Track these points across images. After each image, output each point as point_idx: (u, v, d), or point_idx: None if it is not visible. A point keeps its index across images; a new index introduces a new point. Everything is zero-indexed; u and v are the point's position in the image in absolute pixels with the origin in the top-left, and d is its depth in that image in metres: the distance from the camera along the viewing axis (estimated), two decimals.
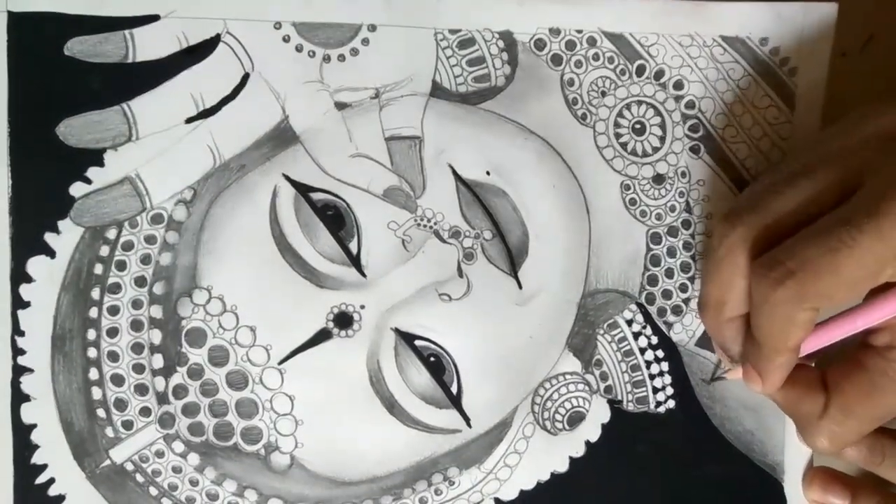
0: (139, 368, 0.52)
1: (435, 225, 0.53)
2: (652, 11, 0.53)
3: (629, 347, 0.55)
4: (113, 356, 0.52)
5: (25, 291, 0.51)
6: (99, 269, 0.51)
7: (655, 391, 0.55)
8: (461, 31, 0.53)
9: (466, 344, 0.53)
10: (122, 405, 0.52)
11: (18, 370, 0.51)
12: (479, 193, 0.53)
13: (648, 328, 0.55)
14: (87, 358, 0.52)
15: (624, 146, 0.54)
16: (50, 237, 0.51)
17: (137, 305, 0.52)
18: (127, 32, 0.51)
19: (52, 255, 0.51)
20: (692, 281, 0.55)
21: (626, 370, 0.55)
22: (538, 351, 0.54)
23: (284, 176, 0.52)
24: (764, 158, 0.54)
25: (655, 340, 0.55)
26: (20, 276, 0.51)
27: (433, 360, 0.53)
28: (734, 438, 0.55)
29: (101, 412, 0.52)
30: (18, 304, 0.51)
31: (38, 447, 0.51)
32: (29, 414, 0.51)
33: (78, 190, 0.51)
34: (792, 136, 0.54)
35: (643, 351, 0.55)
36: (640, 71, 0.54)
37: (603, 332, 0.55)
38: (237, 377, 0.52)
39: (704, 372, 0.55)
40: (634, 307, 0.55)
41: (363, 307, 0.52)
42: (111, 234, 0.51)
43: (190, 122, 0.52)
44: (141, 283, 0.52)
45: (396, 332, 0.53)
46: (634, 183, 0.54)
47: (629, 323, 0.55)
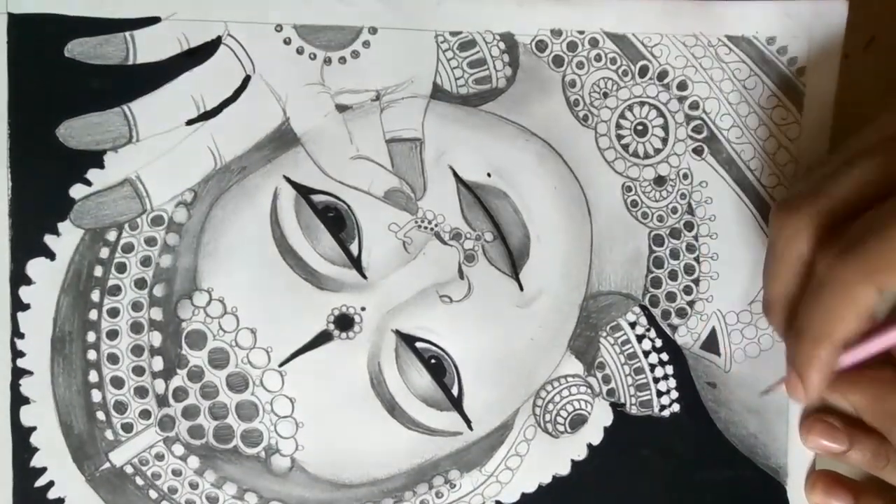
0: (139, 371, 0.52)
1: (436, 227, 0.53)
2: (655, 11, 0.53)
3: (632, 350, 0.54)
4: (113, 358, 0.52)
5: (25, 293, 0.51)
6: (99, 271, 0.51)
7: (660, 395, 0.54)
8: (462, 32, 0.53)
9: (467, 346, 0.53)
10: (121, 408, 0.52)
11: (18, 372, 0.51)
12: (480, 195, 0.53)
13: (652, 331, 0.55)
14: (86, 360, 0.52)
15: (626, 148, 0.54)
16: (50, 239, 0.51)
17: (137, 307, 0.52)
18: (127, 34, 0.51)
19: (51, 257, 0.51)
20: (696, 283, 0.54)
21: (629, 373, 0.54)
22: (540, 353, 0.54)
23: (285, 178, 0.52)
24: (769, 160, 0.54)
25: (659, 343, 0.55)
26: (20, 278, 0.51)
27: (434, 362, 0.53)
28: (738, 442, 0.55)
29: (100, 415, 0.52)
30: (18, 306, 0.51)
31: (37, 450, 0.51)
32: (28, 416, 0.51)
33: (78, 192, 0.51)
34: (800, 137, 0.54)
35: (647, 354, 0.55)
36: (642, 72, 0.53)
37: (605, 334, 0.54)
38: (237, 379, 0.52)
39: (709, 376, 0.55)
40: (638, 310, 0.54)
41: (364, 309, 0.52)
42: (111, 236, 0.51)
43: (190, 123, 0.52)
44: (141, 285, 0.52)
45: (397, 333, 0.52)
46: (636, 185, 0.54)
47: (632, 325, 0.54)
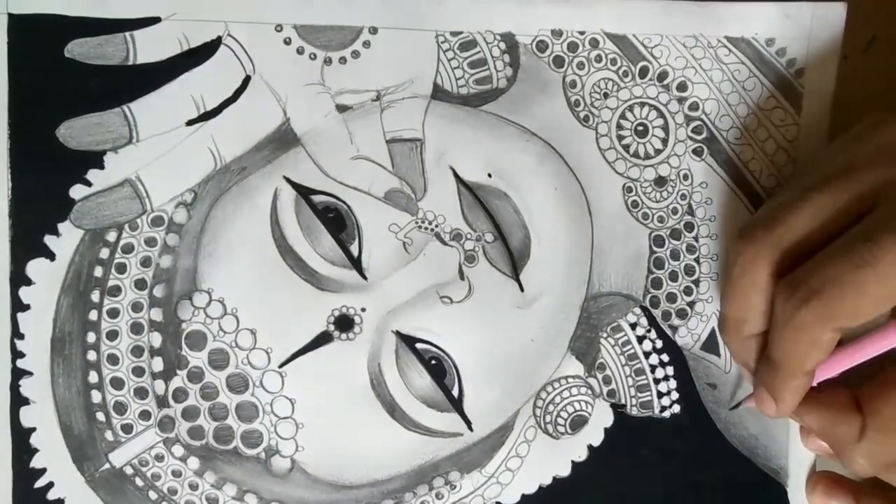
0: (139, 371, 0.52)
1: (436, 227, 0.53)
2: (655, 12, 0.53)
3: (633, 351, 0.54)
4: (112, 359, 0.52)
5: (25, 294, 0.51)
6: (99, 271, 0.51)
7: (660, 396, 0.54)
8: (462, 33, 0.53)
9: (468, 347, 0.53)
10: (121, 408, 0.52)
11: (18, 373, 0.51)
12: (480, 196, 0.53)
13: (653, 332, 0.55)
14: (86, 361, 0.51)
15: (626, 148, 0.54)
16: (50, 239, 0.51)
17: (137, 308, 0.52)
18: (128, 34, 0.51)
19: (51, 257, 0.51)
20: (696, 284, 0.54)
21: (629, 374, 0.54)
22: (540, 354, 0.54)
23: (285, 178, 0.52)
24: (769, 161, 0.54)
25: (660, 344, 0.55)
26: (20, 278, 0.51)
27: (434, 363, 0.53)
28: (738, 443, 0.55)
29: (100, 416, 0.52)
30: (18, 306, 0.51)
31: (37, 451, 0.51)
32: (28, 417, 0.51)
33: (78, 192, 0.51)
34: (798, 138, 0.54)
35: (647, 355, 0.54)
36: (643, 72, 0.53)
37: (606, 335, 0.54)
38: (237, 380, 0.52)
39: (710, 376, 0.55)
40: (638, 310, 0.54)
41: (364, 310, 0.52)
42: (111, 236, 0.51)
43: (191, 124, 0.52)
44: (141, 285, 0.52)
45: (397, 334, 0.52)
46: (636, 185, 0.54)
47: (633, 326, 0.54)
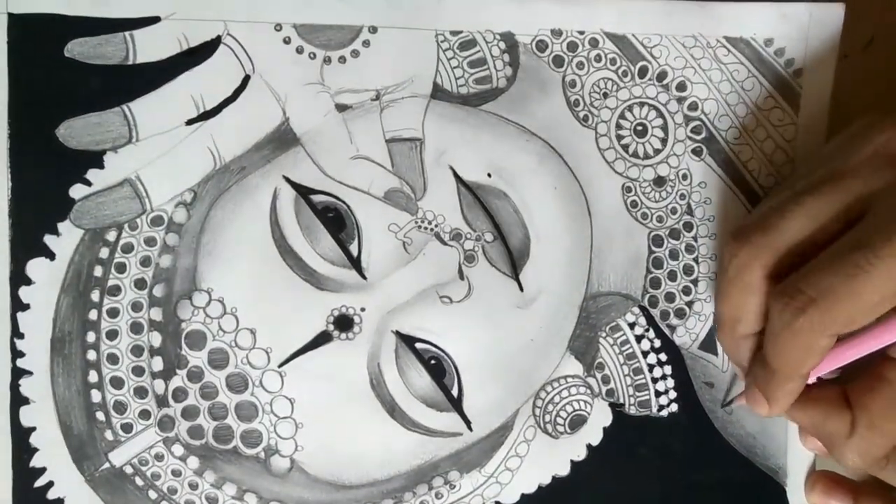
0: (139, 371, 0.52)
1: (436, 227, 0.53)
2: (655, 12, 0.53)
3: (631, 350, 0.54)
4: (112, 359, 0.52)
5: (25, 294, 0.51)
6: (99, 271, 0.51)
7: (658, 395, 0.54)
8: (462, 32, 0.53)
9: (467, 347, 0.53)
10: (121, 408, 0.52)
11: (17, 373, 0.51)
12: (480, 195, 0.53)
13: (651, 331, 0.55)
14: (86, 360, 0.51)
15: (625, 148, 0.54)
16: (49, 239, 0.51)
17: (137, 308, 0.52)
18: (127, 34, 0.51)
19: (51, 257, 0.51)
20: (695, 284, 0.54)
21: (628, 373, 0.54)
22: (539, 354, 0.54)
23: (285, 178, 0.52)
24: (767, 161, 0.54)
25: (658, 344, 0.55)
26: (20, 278, 0.51)
27: (434, 362, 0.53)
28: (736, 442, 0.55)
29: (100, 415, 0.52)
30: (18, 306, 0.51)
31: (36, 450, 0.51)
32: (28, 417, 0.51)
33: (78, 192, 0.51)
34: (796, 138, 0.54)
35: (646, 354, 0.55)
36: (642, 72, 0.54)
37: (605, 335, 0.54)
38: (237, 380, 0.52)
39: (708, 376, 0.55)
40: (637, 310, 0.54)
41: (363, 310, 0.52)
42: (111, 236, 0.51)
43: (190, 123, 0.52)
44: (141, 285, 0.52)
45: (397, 334, 0.52)
46: (636, 185, 0.54)
47: (632, 326, 0.54)
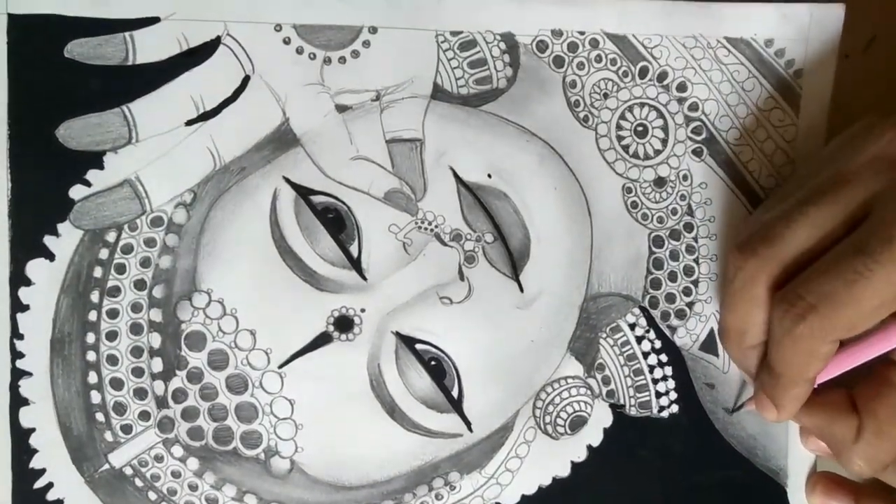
0: (138, 372, 0.52)
1: (436, 228, 0.53)
2: (655, 12, 0.53)
3: (632, 351, 0.54)
4: (112, 360, 0.51)
5: (24, 294, 0.51)
6: (98, 272, 0.51)
7: (659, 396, 0.54)
8: (462, 32, 0.53)
9: (468, 347, 0.53)
10: (121, 409, 0.52)
11: (17, 374, 0.51)
12: (480, 196, 0.53)
13: (652, 332, 0.55)
14: (86, 361, 0.51)
15: (626, 149, 0.54)
16: (49, 240, 0.51)
17: (137, 309, 0.52)
18: (127, 34, 0.51)
19: (51, 258, 0.51)
20: (695, 285, 0.54)
21: (628, 374, 0.54)
22: (540, 355, 0.54)
23: (285, 178, 0.52)
24: (767, 161, 0.54)
25: (659, 345, 0.55)
26: (19, 279, 0.51)
27: (434, 363, 0.53)
28: (737, 443, 0.55)
29: (100, 416, 0.52)
30: (17, 307, 0.51)
31: (36, 451, 0.51)
32: (27, 418, 0.51)
33: (77, 192, 0.51)
34: (796, 139, 0.54)
35: (646, 355, 0.55)
36: (642, 73, 0.53)
37: (605, 335, 0.54)
38: (237, 381, 0.52)
39: (708, 377, 0.55)
40: (637, 311, 0.54)
41: (364, 310, 0.52)
42: (111, 236, 0.51)
43: (190, 124, 0.52)
44: (140, 286, 0.52)
45: (397, 335, 0.52)
46: (636, 186, 0.54)
47: (632, 327, 0.54)
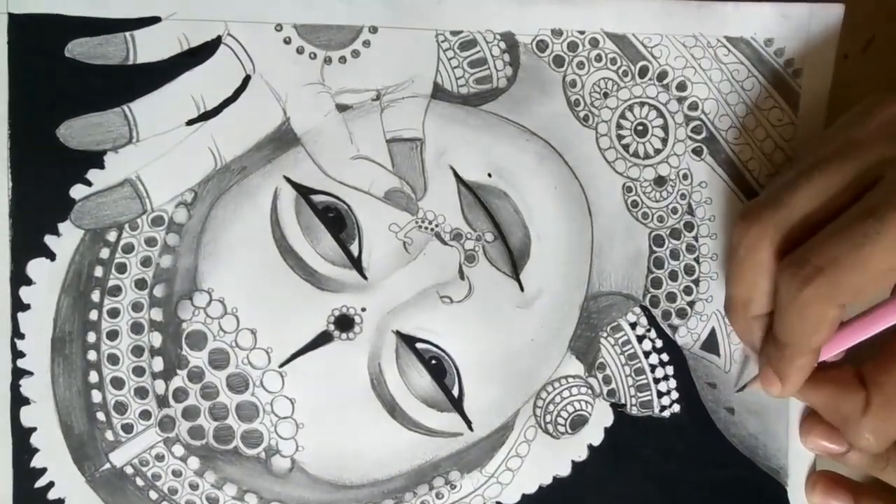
0: (139, 371, 0.52)
1: (436, 227, 0.53)
2: (655, 12, 0.53)
3: (633, 351, 0.54)
4: (113, 359, 0.51)
5: (25, 294, 0.51)
6: (99, 271, 0.51)
7: (660, 395, 0.54)
8: (462, 32, 0.53)
9: (468, 347, 0.53)
10: (122, 408, 0.52)
11: (18, 373, 0.51)
12: (480, 195, 0.53)
13: (653, 331, 0.55)
14: (86, 361, 0.51)
15: (626, 148, 0.54)
16: (50, 239, 0.51)
17: (138, 308, 0.52)
18: (128, 34, 0.51)
19: (52, 257, 0.51)
20: (696, 284, 0.54)
21: (629, 374, 0.54)
22: (540, 354, 0.54)
23: (285, 178, 0.52)
24: (767, 160, 0.54)
25: (660, 344, 0.55)
26: (20, 278, 0.51)
27: (434, 362, 0.53)
28: (738, 442, 0.55)
29: (100, 415, 0.52)
30: (18, 306, 0.51)
31: (37, 451, 0.51)
32: (28, 417, 0.51)
33: (78, 192, 0.51)
34: (795, 137, 0.54)
35: (647, 354, 0.55)
36: (642, 72, 0.54)
37: (606, 335, 0.54)
38: (238, 380, 0.52)
39: (710, 376, 0.55)
40: (638, 310, 0.54)
41: (364, 310, 0.52)
42: (111, 236, 0.51)
43: (191, 123, 0.52)
44: (141, 285, 0.52)
45: (398, 334, 0.52)
46: (636, 185, 0.54)
47: (633, 326, 0.54)
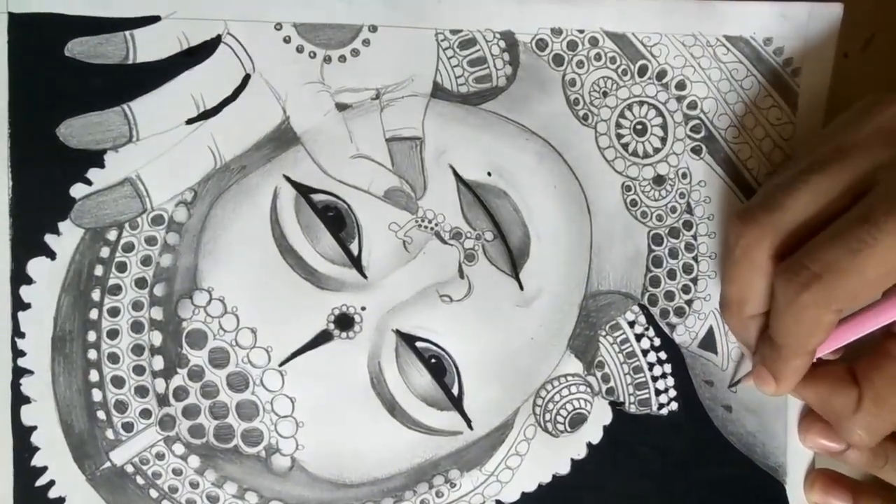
0: (139, 370, 0.52)
1: (436, 226, 0.53)
2: (655, 11, 0.53)
3: (631, 349, 0.54)
4: (113, 358, 0.52)
5: (26, 293, 0.51)
6: (99, 270, 0.51)
7: (658, 393, 0.55)
8: (462, 31, 0.53)
9: (468, 345, 0.53)
10: (122, 407, 0.52)
11: (18, 372, 0.51)
12: (480, 194, 0.53)
13: (651, 330, 0.55)
14: (87, 360, 0.51)
15: (625, 147, 0.54)
16: (50, 238, 0.51)
17: (138, 307, 0.52)
18: (127, 33, 0.51)
19: (52, 256, 0.51)
20: (694, 283, 0.54)
21: (628, 372, 0.54)
22: (539, 352, 0.54)
23: (285, 177, 0.52)
24: (766, 159, 0.54)
25: (658, 342, 0.55)
26: (20, 277, 0.51)
27: (434, 361, 0.53)
28: (736, 441, 0.55)
29: (101, 414, 0.52)
30: (19, 305, 0.51)
31: (38, 449, 0.51)
32: (29, 416, 0.51)
33: (78, 191, 0.51)
34: (794, 137, 0.54)
35: (645, 353, 0.55)
36: (642, 71, 0.54)
37: (605, 333, 0.54)
38: (238, 379, 0.52)
39: (707, 374, 0.55)
40: (637, 309, 0.55)
41: (364, 308, 0.52)
42: (112, 235, 0.51)
43: (190, 123, 0.52)
44: (141, 284, 0.52)
45: (397, 333, 0.52)
46: (635, 184, 0.54)
47: (631, 324, 0.55)
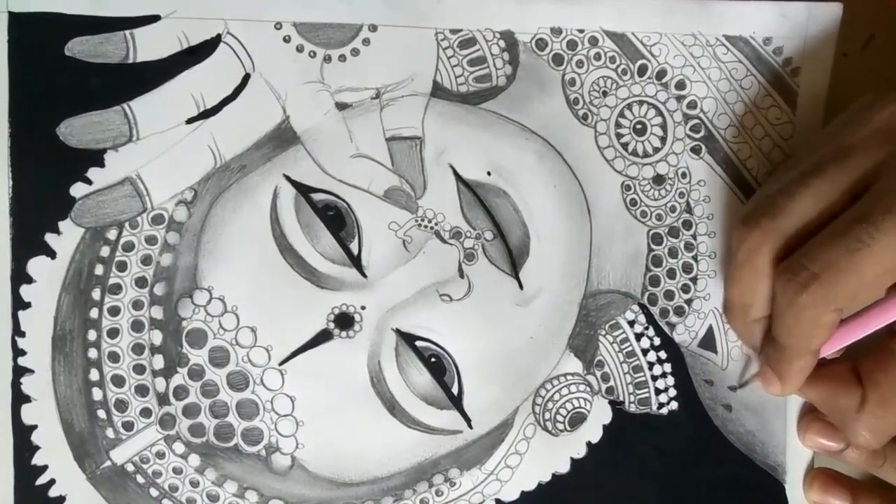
0: (140, 369, 0.52)
1: (436, 225, 0.53)
2: (654, 10, 0.53)
3: (631, 348, 0.54)
4: (113, 357, 0.52)
5: (26, 292, 0.51)
6: (99, 269, 0.51)
7: (658, 392, 0.55)
8: (462, 30, 0.53)
9: (467, 345, 0.53)
10: (122, 406, 0.52)
11: (19, 371, 0.51)
12: (479, 194, 0.53)
13: (651, 329, 0.55)
14: (87, 359, 0.52)
15: (625, 146, 0.54)
16: (50, 238, 0.51)
17: (138, 306, 0.52)
18: (127, 33, 0.51)
19: (52, 255, 0.51)
20: (694, 282, 0.55)
21: (627, 371, 0.54)
22: (539, 352, 0.54)
23: (285, 176, 0.52)
24: (765, 159, 0.54)
25: (658, 342, 0.55)
26: (21, 276, 0.51)
27: (434, 360, 0.53)
28: (736, 440, 0.55)
29: (101, 413, 0.52)
30: (19, 304, 0.51)
31: (38, 448, 0.51)
32: (29, 415, 0.51)
33: (78, 190, 0.51)
34: (793, 136, 0.54)
35: (645, 352, 0.55)
36: (641, 71, 0.54)
37: (605, 332, 0.54)
38: (238, 378, 0.52)
39: (707, 373, 0.55)
40: (637, 308, 0.55)
41: (364, 308, 0.52)
42: (112, 234, 0.51)
43: (190, 122, 0.52)
44: (141, 283, 0.52)
45: (397, 332, 0.52)
46: (635, 183, 0.54)
47: (631, 324, 0.55)
